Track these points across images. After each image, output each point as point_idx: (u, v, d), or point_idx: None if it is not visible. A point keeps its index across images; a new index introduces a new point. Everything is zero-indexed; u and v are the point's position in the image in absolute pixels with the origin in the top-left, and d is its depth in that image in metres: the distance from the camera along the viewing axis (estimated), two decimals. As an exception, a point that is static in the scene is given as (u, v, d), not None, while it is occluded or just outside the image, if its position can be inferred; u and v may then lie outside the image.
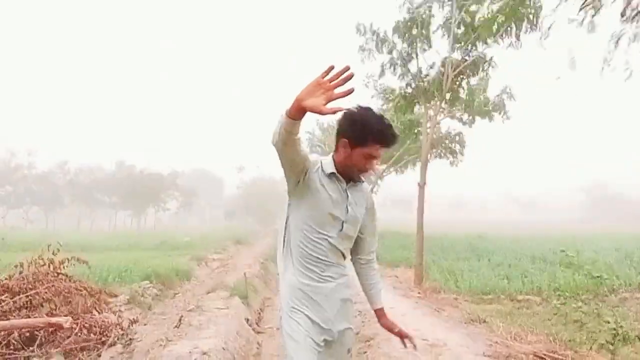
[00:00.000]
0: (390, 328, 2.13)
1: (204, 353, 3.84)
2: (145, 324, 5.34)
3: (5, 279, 4.30)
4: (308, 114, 1.53)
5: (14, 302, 4.09)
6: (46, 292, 4.20)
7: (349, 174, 1.94)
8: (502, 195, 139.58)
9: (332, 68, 1.49)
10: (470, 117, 14.84)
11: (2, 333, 3.73)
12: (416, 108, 11.06)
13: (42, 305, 4.18)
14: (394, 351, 4.11)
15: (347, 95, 1.50)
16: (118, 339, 4.38)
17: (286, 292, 1.95)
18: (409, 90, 9.29)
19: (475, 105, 11.96)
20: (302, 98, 1.48)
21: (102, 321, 4.47)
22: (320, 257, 1.92)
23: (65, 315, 4.06)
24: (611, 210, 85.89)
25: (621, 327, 3.77)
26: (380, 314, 2.15)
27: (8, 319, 3.89)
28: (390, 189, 72.53)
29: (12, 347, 3.73)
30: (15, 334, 3.78)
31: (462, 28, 8.44)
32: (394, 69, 9.17)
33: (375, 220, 2.15)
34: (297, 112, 1.52)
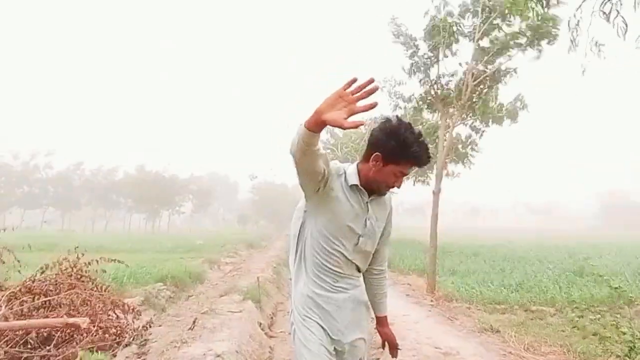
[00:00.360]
0: (385, 334, 2.17)
1: (218, 355, 3.89)
2: (159, 326, 5.42)
3: (28, 280, 4.38)
4: None
5: (33, 302, 4.17)
6: (66, 297, 4.26)
7: (373, 187, 1.86)
8: (513, 202, 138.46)
9: (354, 80, 1.40)
10: (484, 124, 14.77)
11: (20, 332, 3.80)
12: (433, 116, 11.03)
13: (60, 306, 4.24)
14: (406, 358, 4.11)
15: (370, 109, 1.40)
16: (133, 340, 4.45)
17: (299, 300, 1.92)
18: (428, 97, 9.29)
19: (488, 112, 11.89)
20: (323, 111, 1.39)
21: (118, 322, 4.54)
22: (333, 268, 1.87)
23: (83, 316, 4.12)
24: (624, 218, 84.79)
25: (638, 339, 3.70)
26: (384, 321, 2.16)
27: (26, 319, 3.97)
28: (403, 196, 72.26)
29: (29, 346, 3.78)
30: (33, 334, 3.84)
31: (487, 39, 8.45)
32: (416, 73, 9.13)
33: (391, 230, 2.09)
34: (316, 125, 1.43)
